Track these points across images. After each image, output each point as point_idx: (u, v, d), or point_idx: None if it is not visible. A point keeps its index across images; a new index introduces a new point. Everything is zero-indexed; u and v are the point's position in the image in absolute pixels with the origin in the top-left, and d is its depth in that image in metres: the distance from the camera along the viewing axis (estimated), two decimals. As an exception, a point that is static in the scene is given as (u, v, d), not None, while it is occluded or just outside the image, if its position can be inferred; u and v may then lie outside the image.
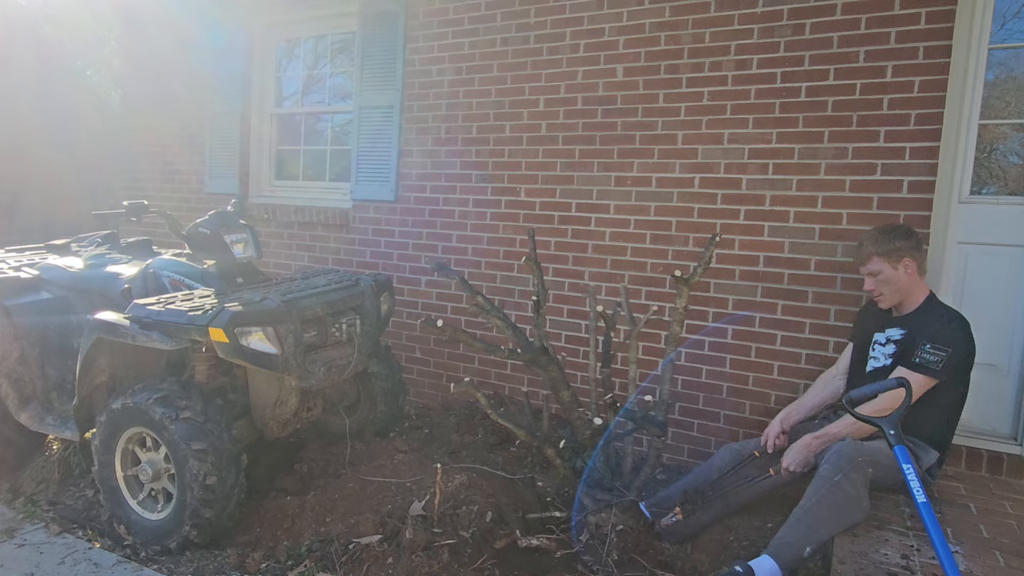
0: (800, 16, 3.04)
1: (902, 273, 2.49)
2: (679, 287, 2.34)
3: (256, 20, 4.84)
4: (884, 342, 2.57)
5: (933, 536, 1.80)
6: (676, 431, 3.39)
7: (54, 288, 3.22)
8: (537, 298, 2.58)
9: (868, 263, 2.55)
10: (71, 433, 2.90)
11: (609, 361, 2.67)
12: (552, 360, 2.54)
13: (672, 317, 2.38)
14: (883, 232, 2.54)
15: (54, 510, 2.90)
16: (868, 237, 2.57)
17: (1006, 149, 3.10)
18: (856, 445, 2.26)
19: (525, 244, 3.75)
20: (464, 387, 2.49)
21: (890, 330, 2.56)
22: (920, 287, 2.52)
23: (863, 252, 2.57)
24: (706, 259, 2.30)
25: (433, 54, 4.03)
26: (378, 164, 4.26)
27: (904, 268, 2.48)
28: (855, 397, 2.16)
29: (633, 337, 2.57)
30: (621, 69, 3.46)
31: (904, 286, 2.51)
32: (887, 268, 2.50)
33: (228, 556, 2.47)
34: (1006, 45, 2.88)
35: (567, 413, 2.57)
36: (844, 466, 2.20)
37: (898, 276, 2.49)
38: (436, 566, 2.15)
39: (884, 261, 2.50)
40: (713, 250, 2.29)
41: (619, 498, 2.37)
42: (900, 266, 2.48)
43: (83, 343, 2.64)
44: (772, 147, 3.12)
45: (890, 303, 2.57)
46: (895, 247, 2.48)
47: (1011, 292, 2.86)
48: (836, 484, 2.18)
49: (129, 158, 5.58)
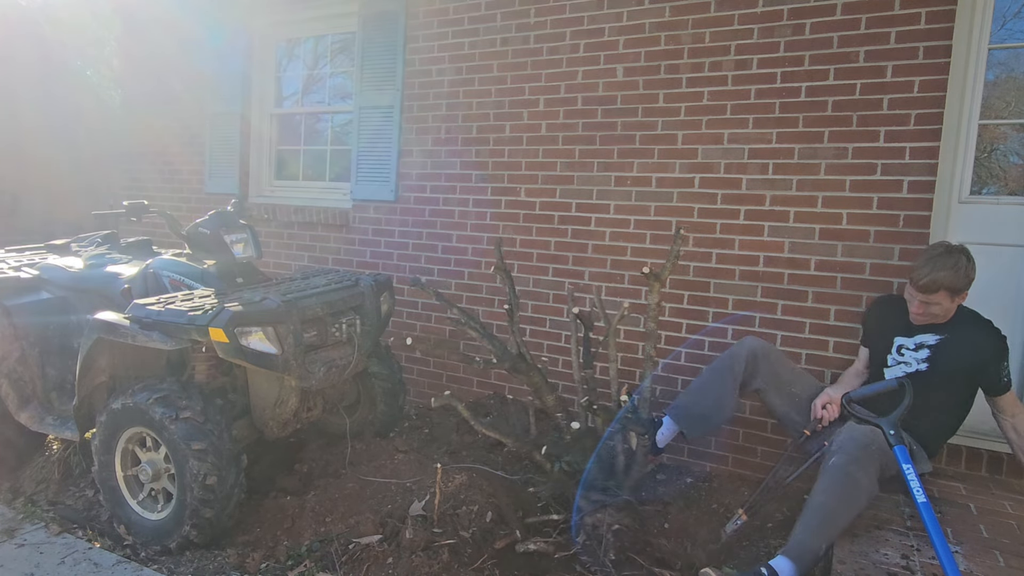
0: (800, 16, 3.04)
1: (958, 302, 2.41)
2: (650, 283, 2.34)
3: (256, 20, 4.84)
4: (915, 347, 2.50)
5: (933, 536, 1.80)
6: (676, 431, 3.38)
7: (54, 288, 3.22)
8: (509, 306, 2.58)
9: (935, 294, 2.37)
10: (71, 433, 2.90)
11: (590, 362, 2.67)
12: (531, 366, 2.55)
13: (647, 313, 2.37)
14: (958, 270, 2.33)
15: (54, 510, 2.90)
16: (944, 275, 2.33)
17: (1006, 149, 3.10)
18: (866, 431, 2.20)
19: (526, 244, 3.75)
20: (444, 400, 2.47)
21: (922, 335, 2.49)
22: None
23: (933, 282, 2.34)
24: (675, 253, 2.30)
25: (433, 54, 4.03)
26: (378, 164, 4.27)
27: (962, 298, 2.41)
28: (855, 397, 2.16)
29: (610, 336, 2.57)
30: (621, 69, 3.46)
31: (950, 310, 2.43)
32: (947, 300, 2.38)
33: (228, 556, 2.47)
34: (1006, 45, 2.88)
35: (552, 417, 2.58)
36: (857, 454, 2.14)
37: (952, 307, 2.41)
38: (436, 566, 2.15)
39: (950, 295, 2.37)
40: (680, 244, 2.29)
41: (613, 498, 2.37)
42: (959, 298, 2.40)
43: (83, 343, 2.63)
44: (772, 147, 3.12)
45: (927, 322, 2.49)
46: (966, 282, 2.35)
47: (1012, 292, 2.86)
48: (849, 476, 2.11)
49: (129, 158, 5.58)
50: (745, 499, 2.41)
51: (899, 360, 2.54)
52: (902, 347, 2.54)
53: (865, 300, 2.96)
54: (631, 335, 3.41)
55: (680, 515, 2.76)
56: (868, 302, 2.93)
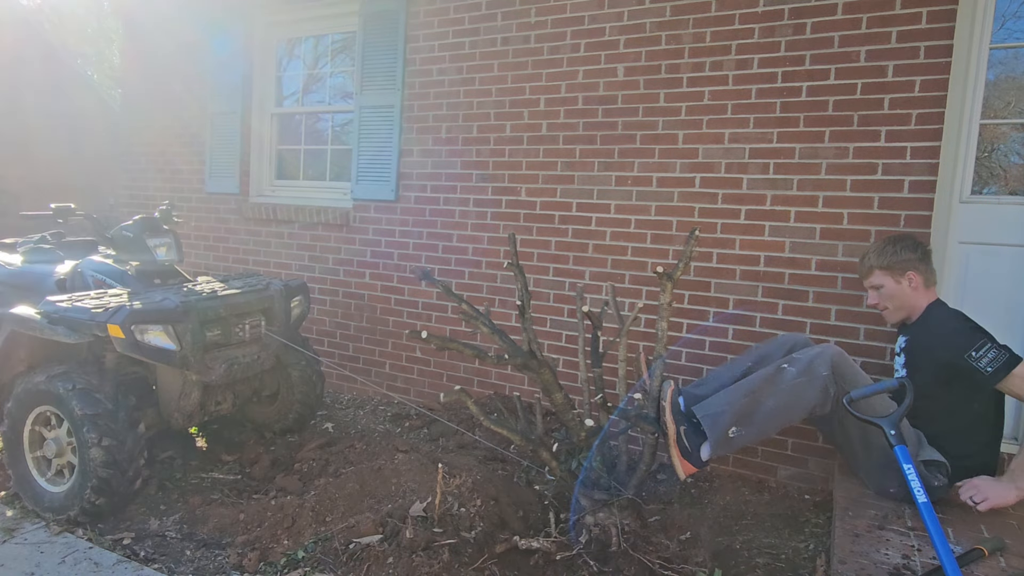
0: (801, 16, 3.03)
1: (906, 287, 2.42)
2: (663, 283, 2.34)
3: (256, 20, 4.85)
4: (899, 351, 2.53)
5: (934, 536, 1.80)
6: (676, 431, 3.38)
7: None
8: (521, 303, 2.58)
9: (870, 276, 2.48)
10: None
11: (599, 361, 2.67)
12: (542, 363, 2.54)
13: (659, 314, 2.38)
14: (886, 244, 2.46)
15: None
16: (871, 249, 2.49)
17: (1007, 149, 3.10)
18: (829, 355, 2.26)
19: (526, 244, 3.75)
20: (455, 395, 2.47)
21: (900, 339, 2.52)
22: (925, 298, 2.44)
23: (865, 265, 2.50)
24: (687, 254, 2.30)
25: (434, 53, 4.03)
26: (378, 164, 4.27)
27: (908, 282, 2.41)
28: (856, 397, 2.16)
29: (622, 335, 2.57)
30: (622, 69, 3.45)
31: (909, 300, 2.43)
32: (890, 282, 2.43)
33: (228, 556, 2.47)
34: (1007, 45, 2.88)
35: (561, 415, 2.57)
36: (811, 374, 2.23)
37: (901, 290, 2.42)
38: (436, 566, 2.15)
39: (887, 275, 2.43)
40: (694, 245, 2.30)
41: (616, 496, 2.36)
42: (904, 280, 2.41)
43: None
44: (773, 147, 3.12)
45: (896, 318, 2.50)
46: (898, 260, 2.40)
47: (1012, 292, 2.86)
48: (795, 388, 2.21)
49: (130, 158, 5.58)
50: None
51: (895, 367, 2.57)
52: (895, 353, 2.57)
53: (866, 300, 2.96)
54: (632, 335, 3.41)
55: (681, 514, 2.76)
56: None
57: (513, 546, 2.33)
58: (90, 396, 2.62)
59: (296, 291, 3.39)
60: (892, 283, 2.43)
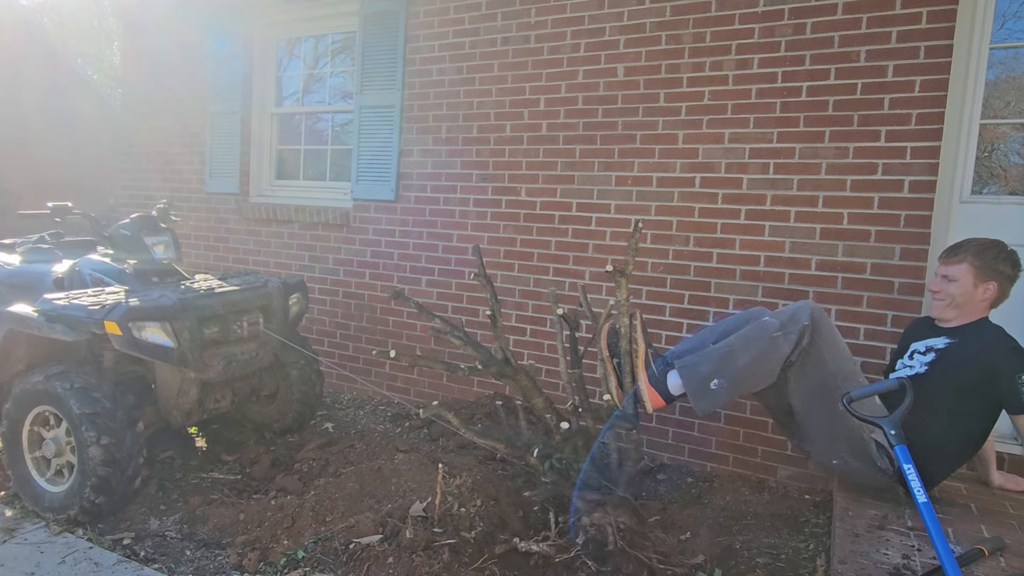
0: (801, 15, 3.03)
1: (980, 293, 2.33)
2: (617, 280, 2.35)
3: (256, 20, 4.84)
4: (924, 351, 2.45)
5: (934, 536, 1.79)
6: (677, 431, 3.39)
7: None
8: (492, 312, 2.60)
9: (957, 266, 2.34)
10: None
11: (578, 362, 2.68)
12: (517, 370, 2.55)
13: (617, 310, 2.39)
14: (991, 246, 2.32)
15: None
16: (974, 243, 2.35)
17: (1007, 149, 3.10)
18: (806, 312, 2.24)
19: (526, 244, 3.75)
20: (433, 410, 2.51)
21: (933, 339, 2.44)
22: (981, 311, 2.38)
23: (958, 254, 2.35)
24: (633, 247, 2.32)
25: (434, 53, 4.03)
26: (378, 164, 4.27)
27: (984, 290, 2.33)
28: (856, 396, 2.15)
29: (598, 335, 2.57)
30: (622, 68, 3.45)
31: (971, 306, 2.36)
32: (970, 280, 2.33)
33: (228, 556, 2.47)
34: (1006, 45, 2.88)
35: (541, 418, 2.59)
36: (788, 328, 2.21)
37: (975, 293, 2.34)
38: (436, 566, 2.15)
39: (973, 273, 2.33)
40: (638, 238, 2.32)
41: (608, 495, 2.36)
42: (983, 286, 2.33)
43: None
44: (773, 147, 3.12)
45: (941, 313, 2.43)
46: (994, 267, 2.31)
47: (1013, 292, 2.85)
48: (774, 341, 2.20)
49: (130, 158, 5.58)
50: None
51: (907, 364, 2.48)
52: (915, 352, 2.48)
53: (866, 300, 2.96)
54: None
55: (680, 514, 2.76)
56: (869, 302, 2.94)
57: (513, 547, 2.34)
58: (88, 395, 2.62)
59: (294, 288, 3.39)
60: (971, 283, 2.33)
